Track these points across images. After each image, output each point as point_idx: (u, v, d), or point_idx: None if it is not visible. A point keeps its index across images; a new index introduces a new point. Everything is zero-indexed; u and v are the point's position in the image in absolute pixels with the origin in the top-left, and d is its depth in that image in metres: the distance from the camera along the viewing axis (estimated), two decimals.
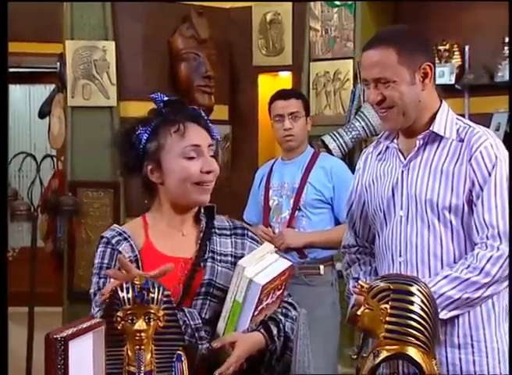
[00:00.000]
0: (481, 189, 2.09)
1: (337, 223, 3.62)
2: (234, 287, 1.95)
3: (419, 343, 1.93)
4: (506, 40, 4.94)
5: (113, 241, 2.14)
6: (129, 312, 1.74)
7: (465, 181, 2.11)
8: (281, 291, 2.07)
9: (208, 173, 2.09)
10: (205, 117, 2.17)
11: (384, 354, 1.95)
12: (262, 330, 2.02)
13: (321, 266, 3.59)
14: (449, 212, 2.13)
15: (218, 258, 2.11)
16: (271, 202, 3.68)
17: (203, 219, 2.17)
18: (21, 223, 5.13)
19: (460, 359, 2.16)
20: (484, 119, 5.00)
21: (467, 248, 2.15)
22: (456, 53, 5.13)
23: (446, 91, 5.11)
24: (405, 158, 2.22)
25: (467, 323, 2.16)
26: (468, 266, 2.09)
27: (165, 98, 2.23)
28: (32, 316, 5.11)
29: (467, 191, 2.11)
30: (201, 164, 2.09)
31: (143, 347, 1.74)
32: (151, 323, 1.74)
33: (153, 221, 2.21)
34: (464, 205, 2.11)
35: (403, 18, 5.33)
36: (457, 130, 2.17)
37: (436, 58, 5.13)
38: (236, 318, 1.96)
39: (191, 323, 1.99)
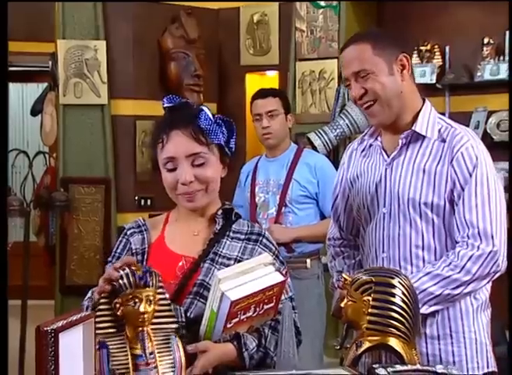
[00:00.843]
0: (463, 189, 2.09)
1: (322, 217, 3.62)
2: (212, 295, 1.92)
3: (400, 333, 1.94)
4: (485, 41, 4.97)
5: (128, 233, 2.13)
6: (130, 296, 1.75)
7: (446, 181, 2.11)
8: (272, 304, 2.01)
9: (184, 184, 2.03)
10: (204, 119, 2.07)
11: (366, 344, 1.96)
12: (235, 343, 1.94)
13: (308, 260, 3.59)
14: (431, 210, 2.13)
15: (220, 260, 2.06)
16: (257, 199, 3.67)
17: (218, 220, 2.13)
18: (14, 218, 5.11)
19: (439, 350, 2.17)
20: (463, 118, 5.02)
21: (448, 244, 2.15)
22: (437, 53, 5.15)
23: (427, 90, 5.15)
24: (388, 157, 2.21)
25: (446, 316, 2.16)
26: (450, 263, 2.09)
27: (166, 105, 2.15)
28: (25, 309, 5.09)
29: (449, 190, 2.10)
30: (177, 176, 2.03)
31: (145, 328, 1.77)
32: (151, 306, 1.76)
33: (173, 218, 2.18)
34: (445, 204, 2.11)
35: (386, 19, 5.36)
36: (439, 130, 2.15)
37: (418, 59, 5.17)
38: (212, 326, 1.93)
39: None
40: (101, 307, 1.80)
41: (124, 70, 5.38)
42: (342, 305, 2.01)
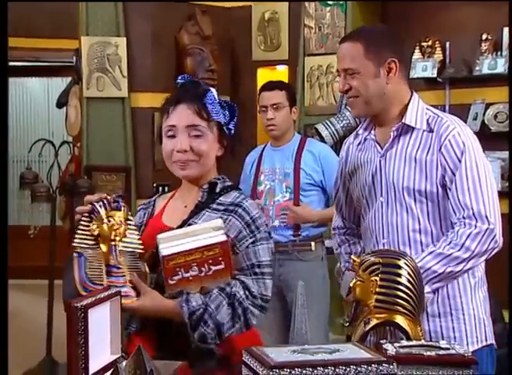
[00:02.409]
0: (454, 174, 2.10)
1: (327, 202, 3.63)
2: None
3: (406, 311, 1.94)
4: (484, 37, 4.95)
5: (138, 209, 2.26)
6: (106, 216, 1.93)
7: (437, 168, 2.12)
8: (221, 266, 1.98)
9: (179, 151, 2.06)
10: (210, 98, 2.12)
11: (374, 321, 1.96)
12: (179, 300, 1.95)
13: (313, 243, 3.59)
14: (425, 196, 2.14)
15: None
16: (263, 186, 3.65)
17: (203, 193, 2.13)
18: (41, 204, 5.13)
19: (441, 327, 2.18)
20: (463, 110, 5.02)
21: (443, 227, 2.16)
22: (438, 49, 5.13)
23: (428, 84, 5.15)
24: (382, 149, 2.23)
25: (445, 294, 2.17)
26: (450, 242, 2.09)
27: (180, 80, 2.21)
28: (52, 288, 5.12)
29: (440, 176, 2.12)
30: (175, 143, 2.07)
31: (117, 242, 1.93)
32: (122, 226, 1.94)
33: (178, 193, 2.22)
34: (438, 190, 2.13)
35: (390, 16, 5.34)
36: (427, 120, 2.16)
37: (420, 54, 5.16)
38: None
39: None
40: (81, 225, 1.96)
41: (143, 65, 5.38)
42: (351, 284, 2.02)
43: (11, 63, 7.70)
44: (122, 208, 1.97)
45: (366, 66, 2.13)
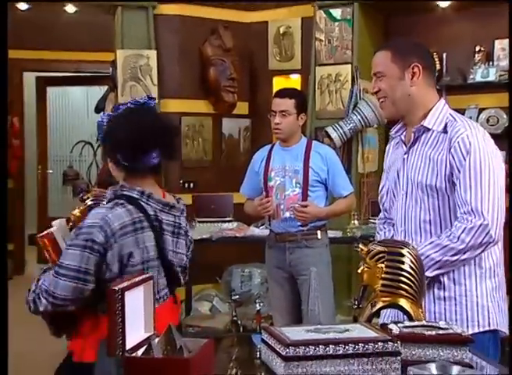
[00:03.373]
0: (459, 172, 2.09)
1: (327, 197, 3.67)
2: None
3: (408, 295, 1.94)
4: (477, 49, 4.93)
5: None
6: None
7: (446, 166, 2.12)
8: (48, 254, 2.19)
9: None
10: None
11: (380, 304, 1.96)
12: None
13: (318, 232, 3.60)
14: (436, 191, 2.14)
15: None
16: (273, 182, 3.64)
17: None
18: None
19: (444, 309, 2.17)
20: None
21: (452, 219, 2.15)
22: (436, 59, 5.09)
23: None
24: (406, 147, 2.25)
25: (452, 281, 2.15)
26: (449, 234, 2.10)
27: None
28: None
29: (449, 174, 2.11)
30: None
31: None
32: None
33: None
34: (446, 186, 2.12)
35: (392, 30, 5.32)
36: (446, 124, 2.15)
37: None
38: None
39: None
40: None
41: (171, 74, 5.39)
42: (359, 271, 2.02)
43: (55, 74, 7.76)
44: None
45: (391, 68, 2.17)
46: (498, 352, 2.19)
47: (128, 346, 1.66)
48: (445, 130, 2.14)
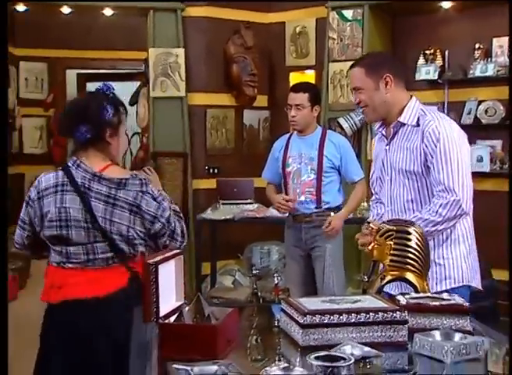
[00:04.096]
0: (432, 157, 2.21)
1: (340, 182, 3.63)
2: None
3: (415, 269, 1.93)
4: (476, 46, 4.87)
5: None
6: None
7: (421, 154, 2.24)
8: None
9: None
10: None
11: (388, 277, 1.95)
12: None
13: (332, 213, 3.57)
14: (414, 175, 2.26)
15: None
16: (290, 168, 3.62)
17: None
18: None
19: (435, 272, 2.27)
20: (459, 106, 4.96)
21: (430, 197, 2.26)
22: (438, 56, 5.05)
23: (431, 85, 5.06)
24: (387, 140, 2.38)
25: (432, 246, 2.21)
26: (429, 210, 2.22)
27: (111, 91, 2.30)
28: None
29: (423, 160, 2.23)
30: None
31: None
32: None
33: None
34: (423, 170, 2.25)
35: (399, 29, 5.25)
36: (418, 118, 2.28)
37: (424, 60, 5.07)
38: None
39: None
40: None
41: (198, 70, 5.37)
42: (369, 247, 2.01)
43: (93, 71, 7.77)
44: None
45: (367, 82, 2.28)
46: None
47: (161, 313, 1.67)
48: (417, 124, 2.27)
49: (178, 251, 1.84)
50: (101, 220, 2.13)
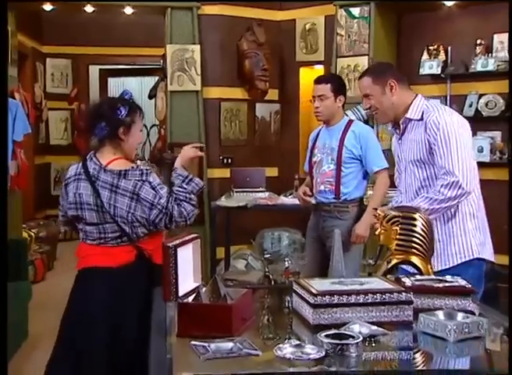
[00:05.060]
0: (435, 145, 2.31)
1: (365, 172, 3.46)
2: None
3: (420, 253, 1.92)
4: (478, 42, 4.81)
5: None
6: None
7: (425, 144, 2.34)
8: None
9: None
10: None
11: (394, 261, 1.94)
12: None
13: (350, 205, 3.44)
14: (423, 164, 2.36)
15: None
16: (315, 158, 3.53)
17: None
18: None
19: (438, 248, 2.25)
20: (461, 99, 4.90)
21: (436, 183, 2.33)
22: (441, 51, 4.99)
23: (434, 79, 5.01)
24: (398, 135, 2.51)
25: (442, 223, 2.32)
26: (434, 190, 2.30)
27: (130, 96, 2.56)
28: None
29: (428, 148, 2.34)
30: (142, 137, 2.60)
31: None
32: None
33: None
34: (428, 158, 2.34)
35: (404, 27, 5.20)
36: (422, 113, 2.39)
37: (427, 55, 5.02)
38: None
39: None
40: None
41: (212, 66, 5.34)
42: (376, 233, 2.00)
43: (114, 66, 7.77)
44: None
45: (375, 89, 2.42)
46: (482, 278, 2.34)
47: (180, 293, 1.67)
48: (422, 118, 2.38)
49: (195, 235, 1.83)
50: (106, 205, 2.34)
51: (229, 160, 5.43)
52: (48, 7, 5.32)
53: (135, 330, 2.20)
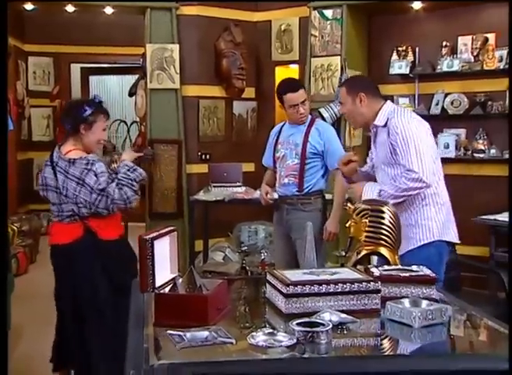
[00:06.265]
0: (396, 148, 2.49)
1: (325, 168, 3.48)
2: None
3: (387, 244, 1.93)
4: (443, 44, 4.86)
5: None
6: None
7: (389, 147, 2.52)
8: None
9: (104, 141, 2.89)
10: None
11: (364, 252, 1.95)
12: None
13: (312, 198, 3.46)
14: (389, 163, 2.54)
15: None
16: (279, 153, 3.55)
17: None
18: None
19: (405, 232, 2.34)
20: (428, 98, 4.96)
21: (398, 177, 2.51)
22: (410, 52, 5.03)
23: (403, 78, 5.05)
24: (372, 139, 2.70)
25: (408, 211, 2.50)
26: (399, 181, 2.47)
27: (100, 100, 2.87)
28: (126, 228, 5.15)
29: (392, 150, 2.51)
30: (105, 135, 2.88)
31: None
32: None
33: None
34: (394, 158, 2.51)
35: (374, 28, 5.23)
36: (387, 119, 2.55)
37: (397, 56, 5.06)
38: None
39: None
40: None
41: (191, 64, 5.30)
42: (346, 225, 2.00)
43: (95, 65, 7.68)
44: None
45: (347, 99, 2.63)
46: (442, 259, 2.50)
47: (157, 284, 1.65)
48: (386, 124, 2.56)
49: (172, 228, 1.82)
50: (61, 187, 2.72)
51: (207, 156, 5.41)
52: (29, 6, 5.23)
53: (89, 289, 2.68)
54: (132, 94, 5.78)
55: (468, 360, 1.43)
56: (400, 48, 5.04)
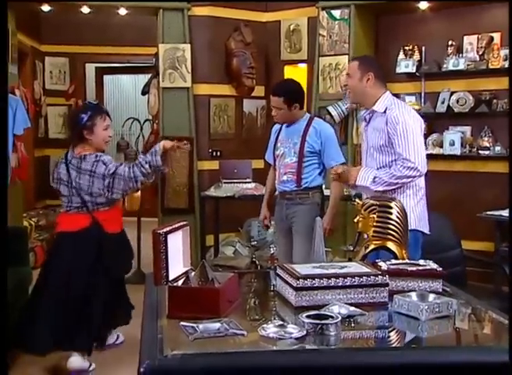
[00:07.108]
0: (394, 136, 2.58)
1: (322, 166, 3.47)
2: None
3: (395, 239, 1.92)
4: (449, 43, 4.83)
5: None
6: None
7: (385, 134, 2.61)
8: None
9: (109, 137, 3.09)
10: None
11: (372, 246, 1.94)
12: None
13: (310, 193, 3.44)
14: (382, 150, 2.63)
15: None
16: (278, 151, 3.54)
17: None
18: None
19: None
20: (434, 96, 4.92)
21: (391, 166, 2.62)
22: (416, 52, 5.00)
23: (409, 77, 5.02)
24: (366, 123, 2.76)
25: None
26: (395, 168, 2.58)
27: (94, 103, 3.16)
28: (139, 223, 5.18)
29: (388, 138, 2.60)
30: (109, 132, 3.08)
31: None
32: None
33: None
34: (387, 145, 2.61)
35: (381, 28, 5.19)
36: (386, 107, 2.64)
37: (403, 55, 5.02)
38: None
39: None
40: None
41: (202, 64, 5.30)
42: (355, 220, 1.99)
43: (109, 65, 7.69)
44: None
45: (356, 73, 2.69)
46: (418, 243, 2.58)
47: (170, 278, 1.66)
48: (385, 111, 2.64)
49: (185, 222, 1.82)
50: (73, 182, 2.97)
51: (218, 153, 5.41)
52: (46, 8, 5.24)
53: (84, 275, 2.90)
54: (145, 92, 5.78)
55: (473, 352, 1.43)
56: (406, 48, 5.01)
